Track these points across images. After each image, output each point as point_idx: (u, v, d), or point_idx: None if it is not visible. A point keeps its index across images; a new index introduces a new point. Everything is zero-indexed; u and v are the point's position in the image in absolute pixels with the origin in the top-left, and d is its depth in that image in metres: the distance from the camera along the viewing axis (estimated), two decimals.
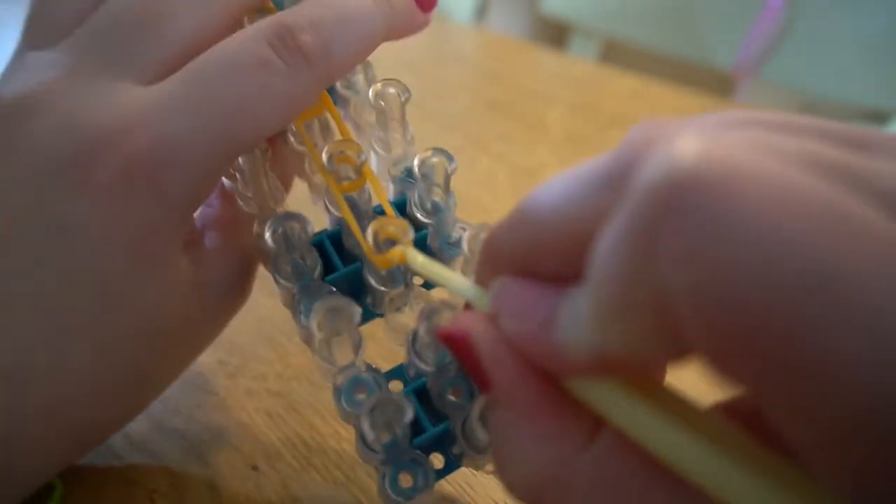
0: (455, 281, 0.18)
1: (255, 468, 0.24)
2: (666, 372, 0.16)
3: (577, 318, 0.13)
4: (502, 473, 0.15)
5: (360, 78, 0.24)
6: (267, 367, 0.29)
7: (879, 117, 0.80)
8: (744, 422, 0.13)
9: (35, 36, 0.21)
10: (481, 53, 0.77)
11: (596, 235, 0.12)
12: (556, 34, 1.24)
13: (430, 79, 0.61)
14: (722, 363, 0.10)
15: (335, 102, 0.23)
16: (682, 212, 0.10)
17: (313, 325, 0.19)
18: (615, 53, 1.07)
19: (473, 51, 0.77)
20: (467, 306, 0.18)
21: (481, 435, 0.19)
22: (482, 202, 0.44)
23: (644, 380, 0.14)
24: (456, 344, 0.16)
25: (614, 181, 0.12)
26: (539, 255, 0.15)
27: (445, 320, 0.19)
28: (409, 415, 0.18)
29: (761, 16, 0.85)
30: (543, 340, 0.14)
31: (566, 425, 0.14)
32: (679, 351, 0.11)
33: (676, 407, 0.13)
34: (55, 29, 0.21)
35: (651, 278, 0.10)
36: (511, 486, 0.15)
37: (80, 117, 0.19)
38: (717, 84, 0.91)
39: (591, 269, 0.12)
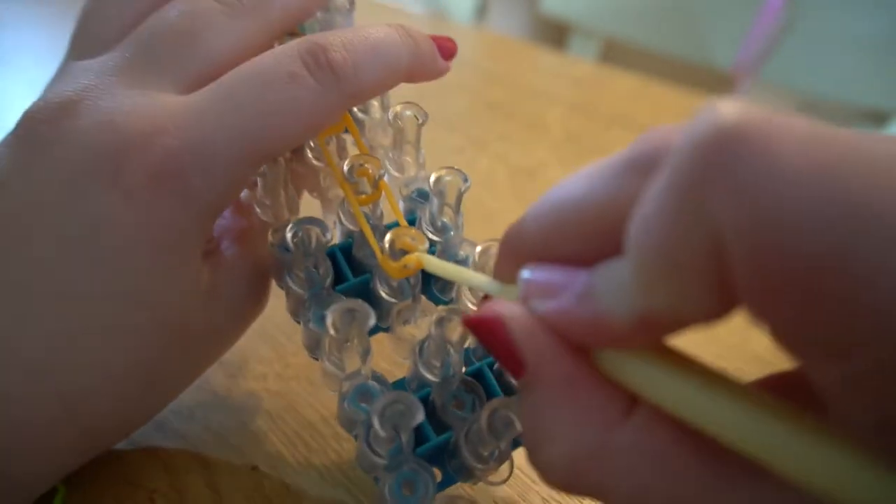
0: (475, 278, 0.18)
1: (255, 468, 0.24)
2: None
3: (618, 286, 0.13)
4: (537, 455, 0.15)
5: (374, 103, 0.25)
6: (267, 367, 0.29)
7: (879, 117, 0.80)
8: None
9: (80, 49, 0.23)
10: (481, 53, 0.77)
11: (627, 213, 0.13)
12: (556, 34, 1.24)
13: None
14: (769, 303, 0.11)
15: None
16: (732, 159, 0.10)
17: (329, 324, 0.19)
18: (615, 53, 1.07)
19: (473, 51, 0.77)
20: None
21: (488, 440, 0.19)
22: (482, 202, 0.44)
23: (673, 353, 0.14)
24: (486, 328, 0.15)
25: (640, 165, 0.13)
26: (564, 240, 0.15)
27: (456, 328, 0.20)
28: (419, 416, 0.18)
29: (761, 16, 0.85)
30: (582, 313, 0.14)
31: (603, 400, 0.14)
32: (723, 304, 0.12)
33: (706, 375, 0.14)
34: (99, 43, 0.22)
35: (701, 227, 0.11)
36: (548, 467, 0.15)
37: (116, 120, 0.19)
38: (717, 84, 0.91)
39: (631, 238, 0.13)
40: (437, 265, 0.20)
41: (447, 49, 0.24)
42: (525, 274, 0.16)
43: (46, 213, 0.19)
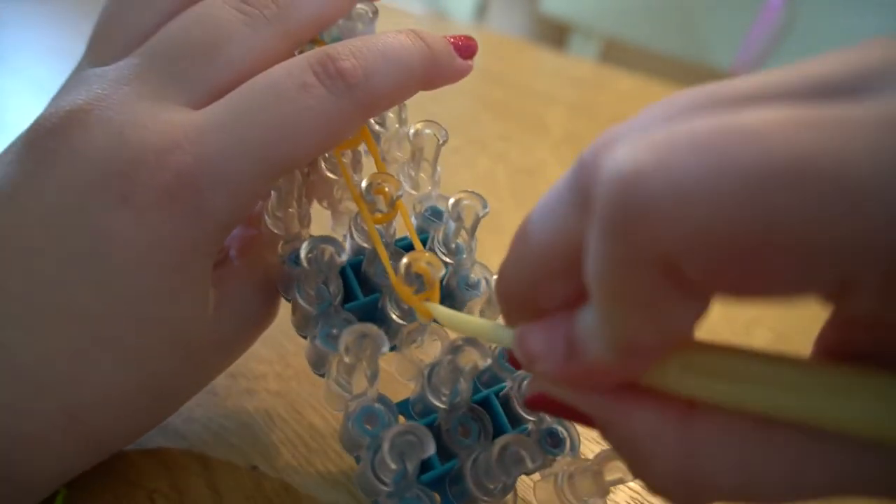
0: (483, 328, 0.19)
1: (255, 468, 0.24)
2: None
3: (595, 331, 0.14)
4: (649, 478, 0.15)
5: (391, 115, 0.25)
6: (267, 367, 0.29)
7: None
8: None
9: (96, 54, 0.22)
10: (481, 53, 0.77)
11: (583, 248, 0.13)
12: (556, 34, 1.24)
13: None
14: (733, 278, 0.11)
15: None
16: (644, 197, 0.11)
17: (342, 348, 0.19)
18: (615, 53, 1.07)
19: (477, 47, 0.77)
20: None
21: (497, 474, 0.19)
22: None
23: (704, 346, 0.14)
24: (541, 404, 0.17)
25: (580, 200, 0.14)
26: (544, 284, 0.15)
27: (468, 356, 0.20)
28: (430, 449, 0.18)
29: (761, 16, 0.85)
30: (575, 368, 0.15)
31: (664, 403, 0.15)
32: (698, 306, 0.12)
33: (738, 356, 0.14)
34: (116, 49, 0.22)
35: (645, 258, 0.12)
36: (662, 480, 0.15)
37: (129, 133, 0.19)
38: None
39: (589, 283, 0.13)
40: (445, 316, 0.20)
41: (467, 48, 0.23)
42: (516, 339, 0.16)
43: (55, 228, 0.19)
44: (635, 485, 0.26)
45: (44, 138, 0.20)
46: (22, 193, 0.19)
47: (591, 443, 0.27)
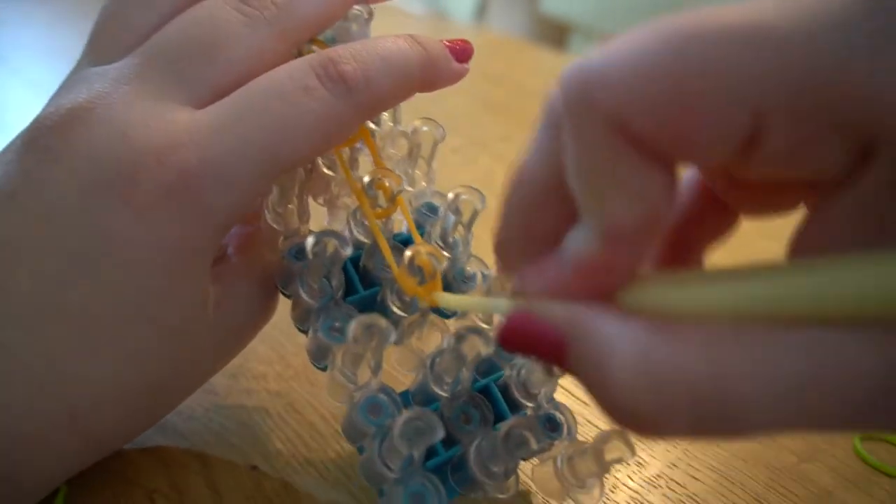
0: (490, 303, 0.19)
1: (255, 468, 0.24)
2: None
3: (578, 228, 0.14)
4: (616, 389, 0.13)
5: (385, 114, 0.25)
6: (267, 367, 0.29)
7: None
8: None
9: (97, 52, 0.22)
10: (481, 53, 0.77)
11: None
12: (556, 34, 1.25)
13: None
14: (673, 127, 0.13)
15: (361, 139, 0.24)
16: (590, 71, 0.13)
17: (350, 337, 0.19)
18: None
19: (473, 51, 0.77)
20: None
21: (502, 456, 0.19)
22: None
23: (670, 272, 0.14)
24: (518, 325, 0.15)
25: (553, 120, 0.15)
26: (538, 217, 0.16)
27: (472, 344, 0.20)
28: (439, 434, 0.18)
29: None
30: (563, 269, 0.15)
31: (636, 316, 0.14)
32: (657, 173, 0.13)
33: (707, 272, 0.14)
34: (116, 48, 0.22)
35: (600, 117, 0.13)
36: (625, 394, 0.13)
37: (131, 133, 0.19)
38: None
39: (570, 182, 0.14)
40: (450, 301, 0.21)
41: (462, 51, 0.24)
42: (516, 280, 0.16)
43: (56, 227, 0.19)
44: (635, 484, 0.26)
45: (44, 137, 0.20)
46: (22, 192, 0.19)
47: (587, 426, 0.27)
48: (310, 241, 0.21)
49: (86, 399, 0.20)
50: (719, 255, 0.18)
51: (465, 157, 0.49)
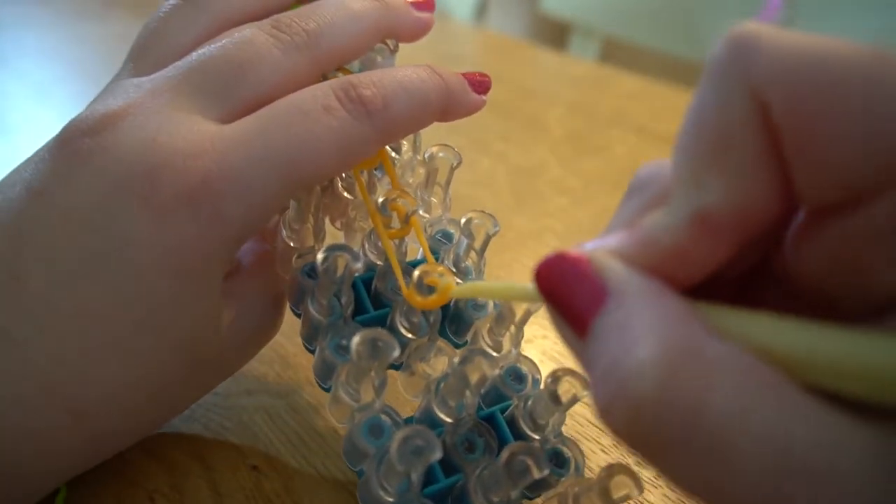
0: (513, 287, 0.18)
1: (255, 468, 0.24)
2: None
3: (659, 214, 0.14)
4: (622, 365, 0.12)
5: (405, 143, 0.26)
6: (267, 367, 0.29)
7: None
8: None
9: (136, 65, 0.23)
10: (481, 53, 0.77)
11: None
12: (556, 34, 1.25)
13: None
14: (808, 118, 0.12)
15: (380, 165, 0.25)
16: (756, 41, 0.13)
17: (353, 350, 0.19)
18: (615, 53, 1.07)
19: (473, 51, 0.77)
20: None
21: (503, 483, 0.19)
22: (482, 202, 0.44)
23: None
24: (567, 264, 0.14)
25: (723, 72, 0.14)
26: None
27: (477, 367, 0.20)
28: (437, 454, 0.18)
29: (761, 16, 0.85)
30: (629, 244, 0.14)
31: (691, 311, 0.13)
32: (775, 189, 0.13)
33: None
34: (155, 63, 0.23)
35: (741, 93, 0.12)
36: (637, 374, 0.12)
37: (159, 139, 0.20)
38: None
39: (675, 153, 0.14)
40: (466, 289, 0.20)
41: (481, 83, 0.25)
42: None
43: (77, 226, 0.19)
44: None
45: (76, 139, 0.20)
46: (50, 190, 0.20)
47: (595, 456, 0.27)
48: (320, 255, 0.21)
49: (91, 400, 0.20)
50: None
51: (466, 157, 0.49)
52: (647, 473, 0.26)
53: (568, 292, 0.14)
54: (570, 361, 0.31)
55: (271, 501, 0.23)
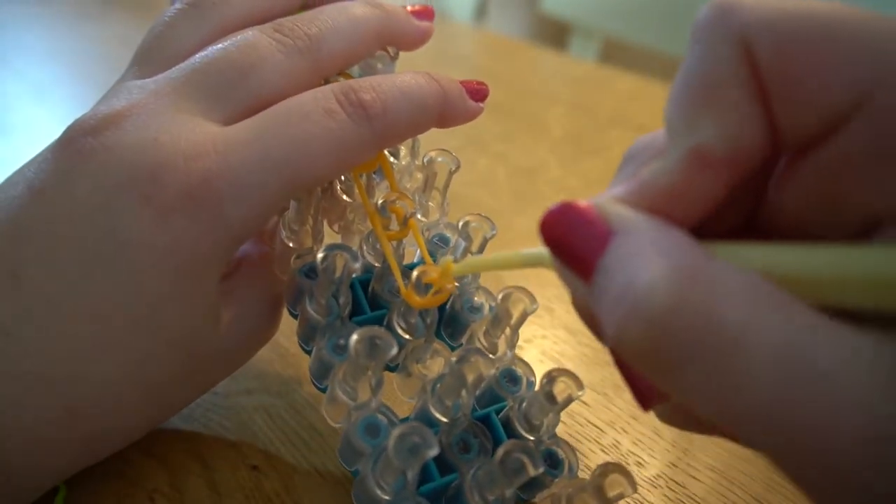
0: (511, 255, 0.18)
1: (255, 468, 0.24)
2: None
3: (657, 161, 0.15)
4: (633, 287, 0.12)
5: (403, 149, 0.27)
6: (267, 367, 0.29)
7: None
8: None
9: (140, 67, 0.23)
10: (481, 53, 0.77)
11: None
12: (556, 34, 1.25)
13: None
14: (795, 63, 0.13)
15: (378, 169, 0.25)
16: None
17: (351, 347, 0.19)
18: (615, 53, 1.07)
19: (473, 51, 0.77)
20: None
21: (499, 481, 0.19)
22: (482, 202, 0.44)
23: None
24: (573, 212, 0.15)
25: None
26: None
27: (474, 366, 0.20)
28: (434, 450, 0.18)
29: None
30: (631, 189, 0.15)
31: (693, 240, 0.13)
32: (763, 127, 0.14)
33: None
34: (159, 64, 0.23)
35: (730, 38, 0.14)
36: (648, 293, 0.12)
37: (161, 139, 0.20)
38: None
39: (669, 103, 0.15)
40: (465, 265, 0.21)
41: (478, 91, 0.25)
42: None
43: (78, 225, 0.19)
44: None
45: (80, 138, 0.20)
46: (52, 189, 0.20)
47: (586, 426, 0.27)
48: (320, 254, 0.21)
49: (87, 399, 0.20)
50: None
51: (465, 157, 0.49)
52: (647, 473, 0.26)
53: (574, 237, 0.14)
54: (570, 361, 0.31)
55: (271, 501, 0.23)
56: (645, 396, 0.16)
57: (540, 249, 0.17)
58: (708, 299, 0.12)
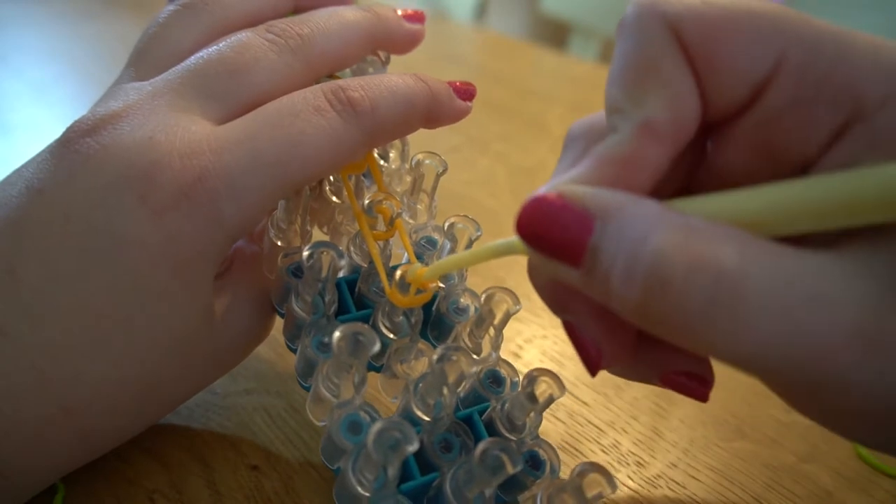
0: (483, 248, 0.19)
1: (255, 468, 0.24)
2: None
3: (607, 138, 0.17)
4: (643, 251, 0.14)
5: (393, 153, 0.27)
6: (267, 367, 0.29)
7: None
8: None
9: (136, 69, 0.24)
10: (481, 53, 0.77)
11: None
12: (556, 34, 1.25)
13: None
14: (718, 43, 0.16)
15: (367, 172, 0.26)
16: None
17: (335, 342, 0.19)
18: None
19: (473, 51, 0.77)
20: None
21: (478, 477, 0.19)
22: (482, 202, 0.44)
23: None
24: (544, 205, 0.16)
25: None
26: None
27: (456, 364, 0.20)
28: (414, 445, 0.18)
29: None
30: (589, 163, 0.17)
31: (664, 204, 0.15)
32: (694, 80, 0.16)
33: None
34: (154, 66, 0.24)
35: (660, 25, 0.16)
36: (659, 258, 0.14)
37: (157, 138, 0.20)
38: None
39: (608, 88, 0.17)
40: (437, 266, 0.21)
41: (465, 91, 0.26)
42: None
43: (75, 223, 0.20)
44: (635, 484, 0.26)
45: (78, 138, 0.21)
46: (50, 189, 0.20)
47: (588, 427, 0.27)
48: (306, 251, 0.22)
49: (81, 397, 0.20)
50: None
51: (465, 157, 0.49)
52: (647, 473, 0.26)
53: (555, 229, 0.15)
54: (570, 361, 0.31)
55: (271, 501, 0.23)
56: (594, 363, 0.18)
57: (510, 239, 0.17)
58: (709, 252, 0.13)
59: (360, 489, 0.19)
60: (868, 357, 0.13)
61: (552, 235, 0.15)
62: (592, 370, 0.18)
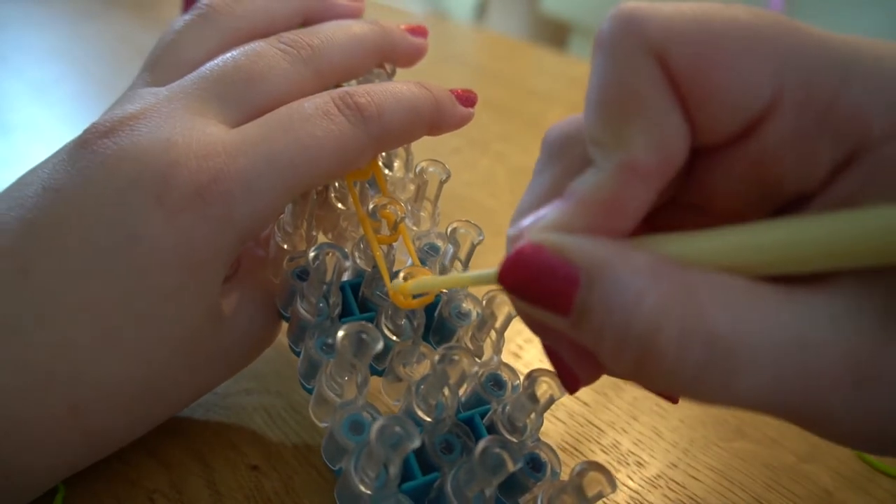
0: (470, 274, 0.19)
1: (255, 468, 0.24)
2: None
3: (587, 174, 0.15)
4: (631, 332, 0.13)
5: (397, 162, 0.28)
6: (267, 367, 0.29)
7: None
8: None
9: (152, 74, 0.25)
10: (481, 53, 0.77)
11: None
12: (556, 34, 1.25)
13: (430, 79, 0.61)
14: (707, 68, 0.14)
15: (372, 180, 0.26)
16: (639, 10, 0.14)
17: (339, 340, 0.19)
18: None
19: (473, 51, 0.77)
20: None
21: (479, 475, 0.19)
22: (482, 202, 0.44)
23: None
24: (527, 257, 0.15)
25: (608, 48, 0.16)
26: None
27: (457, 365, 0.20)
28: (416, 442, 0.18)
29: None
30: (567, 206, 0.15)
31: (653, 254, 0.14)
32: (682, 119, 0.14)
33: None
34: (169, 72, 0.24)
35: (643, 52, 0.14)
36: (652, 329, 0.13)
37: (174, 139, 0.21)
38: None
39: (587, 119, 0.15)
40: (420, 283, 0.22)
41: (467, 98, 0.27)
42: (513, 230, 0.16)
43: (90, 222, 0.20)
44: (635, 484, 0.26)
45: (96, 140, 0.21)
46: (66, 188, 0.20)
47: (588, 427, 0.27)
48: (311, 253, 0.22)
49: (89, 396, 0.20)
50: None
51: (466, 158, 0.49)
52: (647, 473, 0.26)
53: (540, 284, 0.15)
54: None
55: (271, 501, 0.23)
56: (572, 384, 0.18)
57: (489, 270, 0.17)
58: (700, 318, 0.13)
59: (362, 487, 0.19)
60: (858, 392, 0.13)
61: (537, 289, 0.15)
62: (571, 390, 0.18)
